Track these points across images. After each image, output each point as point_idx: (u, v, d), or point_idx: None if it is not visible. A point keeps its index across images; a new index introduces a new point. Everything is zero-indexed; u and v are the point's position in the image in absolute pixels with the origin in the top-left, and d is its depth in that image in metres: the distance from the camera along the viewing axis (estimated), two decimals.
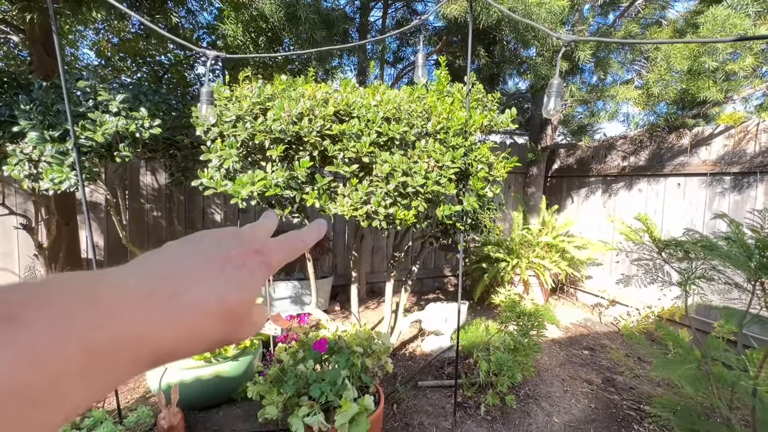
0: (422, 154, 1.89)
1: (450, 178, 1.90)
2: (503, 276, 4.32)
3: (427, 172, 1.85)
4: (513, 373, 2.18)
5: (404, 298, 3.06)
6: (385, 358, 2.15)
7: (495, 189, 2.13)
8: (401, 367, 2.98)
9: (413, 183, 1.81)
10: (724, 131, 3.61)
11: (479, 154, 2.01)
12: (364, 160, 1.83)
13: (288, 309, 3.98)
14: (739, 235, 1.25)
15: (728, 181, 3.57)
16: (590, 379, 2.99)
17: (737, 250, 1.19)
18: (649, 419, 2.51)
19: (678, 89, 3.22)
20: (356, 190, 1.82)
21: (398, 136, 1.86)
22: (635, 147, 4.39)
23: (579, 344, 3.67)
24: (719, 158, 3.63)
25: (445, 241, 2.47)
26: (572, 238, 4.69)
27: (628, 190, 4.50)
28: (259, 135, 1.70)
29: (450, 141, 1.96)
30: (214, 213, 4.23)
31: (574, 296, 5.18)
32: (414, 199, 1.87)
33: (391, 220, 1.89)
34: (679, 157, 3.97)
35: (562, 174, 5.41)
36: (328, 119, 1.79)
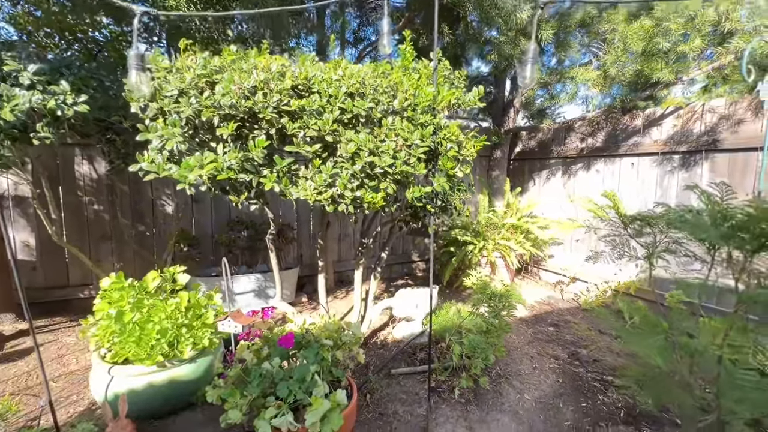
0: (389, 132, 1.77)
1: (419, 158, 1.80)
2: (471, 259, 4.35)
3: (395, 152, 1.74)
4: (486, 354, 2.16)
5: (374, 286, 2.97)
6: (356, 349, 2.05)
7: (465, 169, 2.06)
8: (373, 355, 2.90)
9: (381, 163, 1.69)
10: (673, 112, 3.78)
11: (449, 133, 1.92)
12: (327, 139, 1.68)
13: (251, 303, 3.78)
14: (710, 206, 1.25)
15: (677, 159, 3.76)
16: (557, 354, 3.07)
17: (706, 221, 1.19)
18: (612, 389, 2.61)
19: (633, 70, 3.30)
20: (320, 172, 1.67)
21: (363, 113, 1.73)
22: (593, 129, 4.53)
23: (544, 321, 3.78)
24: (669, 138, 3.81)
25: (415, 225, 2.39)
26: (535, 219, 4.80)
27: (586, 170, 4.65)
28: (207, 111, 1.50)
29: (418, 118, 1.85)
30: (165, 204, 3.90)
31: (537, 275, 5.35)
32: (382, 181, 1.76)
33: (359, 203, 1.77)
34: (633, 138, 4.13)
35: (524, 157, 5.50)
36: (286, 94, 1.61)
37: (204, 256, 3.91)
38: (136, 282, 2.27)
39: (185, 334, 2.14)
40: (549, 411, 2.38)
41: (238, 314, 1.89)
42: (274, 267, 2.62)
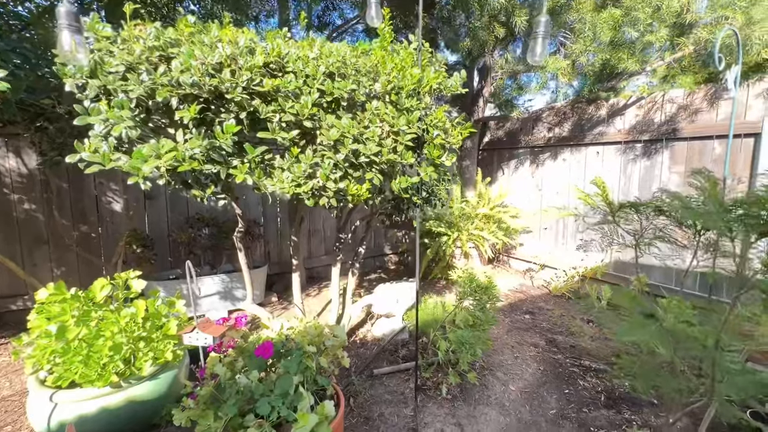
0: (374, 117, 1.62)
1: (407, 146, 1.66)
2: (445, 250, 4.31)
3: (381, 139, 1.59)
4: (474, 350, 2.10)
5: (352, 283, 2.82)
6: (340, 352, 1.91)
7: (451, 157, 1.95)
8: (354, 355, 2.77)
9: (366, 151, 1.54)
10: (636, 102, 3.90)
11: (435, 119, 1.80)
12: (305, 125, 1.50)
13: (217, 307, 3.50)
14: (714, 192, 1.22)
15: (639, 148, 3.90)
16: (535, 342, 3.10)
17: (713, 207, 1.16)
18: (590, 373, 2.66)
19: (602, 60, 3.35)
20: (298, 162, 1.49)
21: (345, 95, 1.56)
22: (560, 118, 4.61)
23: (520, 309, 3.82)
24: (632, 127, 3.94)
25: (398, 218, 2.26)
26: (506, 208, 4.85)
27: (553, 160, 4.74)
28: (162, 90, 1.27)
29: (403, 103, 1.71)
30: (112, 201, 3.49)
31: (508, 264, 5.44)
32: (367, 171, 1.61)
33: (342, 196, 1.61)
34: (598, 127, 4.24)
35: (493, 147, 5.53)
36: (257, 72, 1.41)
37: (161, 258, 3.56)
38: (81, 292, 1.97)
39: (143, 349, 1.89)
40: (534, 400, 2.37)
41: (206, 324, 1.67)
42: (244, 267, 2.40)
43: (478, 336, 2.21)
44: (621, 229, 1.83)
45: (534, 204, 4.98)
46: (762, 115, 3.07)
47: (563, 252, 4.64)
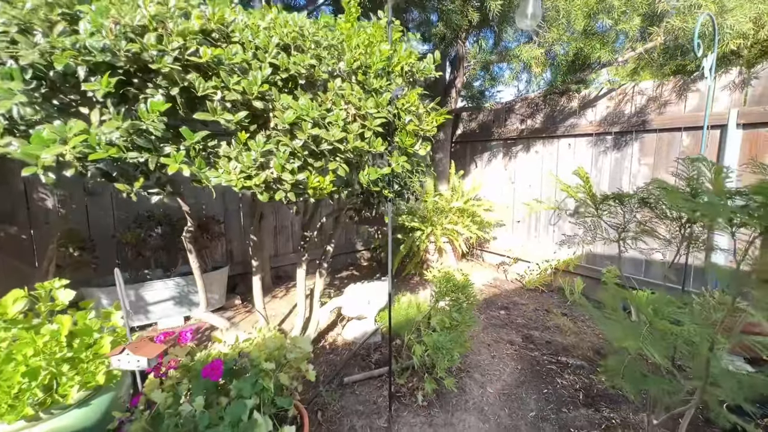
0: (337, 99, 1.41)
1: (376, 132, 1.46)
2: (419, 245, 4.17)
3: (346, 123, 1.38)
4: (451, 354, 1.95)
5: (320, 284, 2.60)
6: (305, 366, 1.70)
7: (425, 146, 1.77)
8: (322, 362, 2.56)
9: (329, 137, 1.33)
10: (607, 93, 3.89)
11: (407, 102, 1.60)
12: (256, 106, 1.27)
13: (171, 314, 3.18)
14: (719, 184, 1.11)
15: (610, 140, 3.90)
16: (512, 339, 3.01)
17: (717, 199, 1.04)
18: (568, 370, 2.59)
19: (575, 48, 3.28)
20: (247, 149, 1.26)
21: (303, 72, 1.34)
22: (532, 110, 4.55)
23: (495, 305, 3.74)
24: (603, 119, 3.92)
25: (368, 214, 2.06)
26: (480, 201, 4.76)
27: (526, 152, 4.69)
28: (62, 56, 1.00)
29: (371, 83, 1.51)
30: (46, 198, 3.07)
31: (481, 257, 5.38)
32: (331, 160, 1.39)
33: (302, 190, 1.39)
34: (570, 119, 4.21)
35: (465, 139, 5.43)
36: (193, 39, 1.16)
37: (105, 261, 3.19)
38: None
39: (68, 372, 1.60)
40: (513, 402, 2.26)
41: (141, 343, 1.41)
42: (196, 271, 2.13)
43: (455, 338, 2.06)
44: (604, 222, 1.72)
45: (507, 197, 4.93)
46: (728, 107, 3.10)
47: (536, 245, 4.62)
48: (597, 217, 1.73)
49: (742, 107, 3.03)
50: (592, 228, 1.71)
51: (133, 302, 3.00)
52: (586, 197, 1.71)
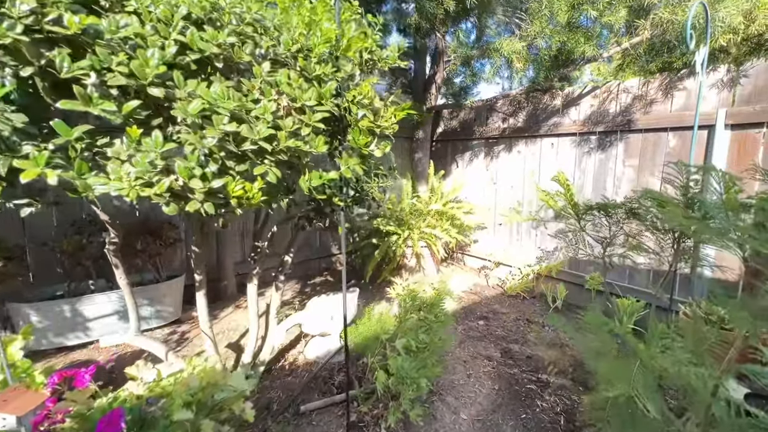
0: (267, 88, 1.14)
1: (317, 129, 1.20)
2: (395, 250, 3.92)
3: (276, 117, 1.12)
4: (417, 384, 1.71)
5: (276, 299, 2.33)
6: (239, 406, 1.43)
7: (384, 146, 1.52)
8: (278, 387, 2.29)
9: (253, 135, 1.06)
10: (591, 91, 3.70)
11: (360, 93, 1.35)
12: (153, 93, 0.99)
13: (116, 329, 2.85)
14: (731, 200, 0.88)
15: (594, 140, 3.72)
16: (490, 354, 2.79)
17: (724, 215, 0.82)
18: (548, 390, 2.39)
19: (558, 42, 3.08)
20: (140, 149, 0.98)
21: (217, 51, 1.06)
22: (514, 108, 4.35)
23: (474, 314, 3.52)
24: (587, 118, 3.74)
25: (320, 223, 1.80)
26: (460, 204, 4.55)
27: (508, 152, 4.50)
28: None
29: (313, 69, 1.24)
30: None
31: (462, 261, 5.18)
32: (258, 163, 1.13)
33: (223, 200, 1.12)
34: (553, 118, 4.02)
35: (446, 138, 5.21)
36: (57, 4, 0.88)
37: (40, 272, 2.84)
38: None
39: None
40: (488, 431, 2.04)
41: (12, 394, 1.11)
42: (124, 288, 1.84)
43: (423, 363, 1.82)
44: (588, 236, 1.51)
45: (489, 198, 4.73)
46: (716, 107, 2.94)
47: (518, 249, 4.43)
48: (580, 230, 1.52)
49: (731, 107, 2.87)
50: (573, 242, 1.49)
51: (69, 318, 2.67)
52: (566, 206, 1.49)
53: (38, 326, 2.61)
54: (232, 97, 1.04)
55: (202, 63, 1.12)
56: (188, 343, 2.93)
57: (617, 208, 1.38)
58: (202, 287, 2.07)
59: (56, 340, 2.68)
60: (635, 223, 1.41)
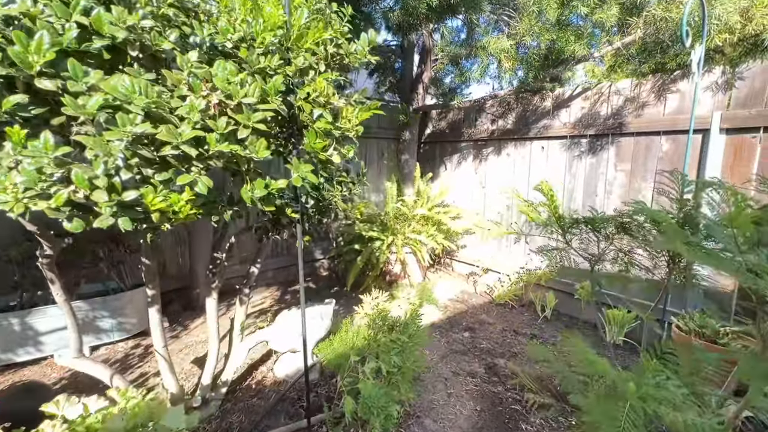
0: (197, 82, 0.96)
1: (258, 130, 1.03)
2: (379, 256, 3.75)
3: (205, 116, 0.94)
4: (388, 412, 1.54)
5: (241, 314, 2.15)
6: None
7: (347, 151, 1.35)
8: (241, 411, 2.11)
9: (173, 138, 0.88)
10: (582, 93, 3.57)
11: (315, 90, 1.17)
12: (43, 87, 0.81)
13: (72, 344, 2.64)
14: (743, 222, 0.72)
15: (585, 143, 3.58)
16: (473, 370, 2.63)
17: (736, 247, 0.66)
18: (533, 411, 2.23)
19: (547, 41, 2.93)
20: (26, 154, 0.80)
21: (134, 38, 0.89)
22: (503, 109, 4.21)
23: (459, 325, 3.36)
24: (577, 120, 3.61)
25: (277, 236, 1.63)
26: (447, 208, 4.39)
27: (497, 154, 4.35)
28: None
29: (255, 62, 1.07)
30: None
31: (450, 266, 5.02)
32: (183, 171, 0.95)
33: (143, 214, 0.94)
34: (543, 120, 3.88)
35: (435, 139, 5.05)
36: None
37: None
38: None
39: None
40: None
41: None
42: (63, 305, 1.65)
43: (396, 387, 1.65)
44: (574, 252, 1.35)
45: (477, 203, 4.58)
46: (710, 110, 2.82)
47: (506, 255, 4.28)
48: (565, 244, 1.36)
49: (726, 110, 2.74)
50: (558, 259, 1.33)
51: (19, 332, 2.46)
52: (551, 220, 1.34)
53: None
54: (147, 92, 0.86)
55: (119, 52, 0.94)
56: (151, 358, 2.73)
57: (606, 222, 1.22)
58: (155, 302, 1.88)
59: (4, 356, 2.46)
60: (627, 239, 1.26)
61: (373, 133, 4.91)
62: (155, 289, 1.86)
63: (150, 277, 1.83)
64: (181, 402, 2.00)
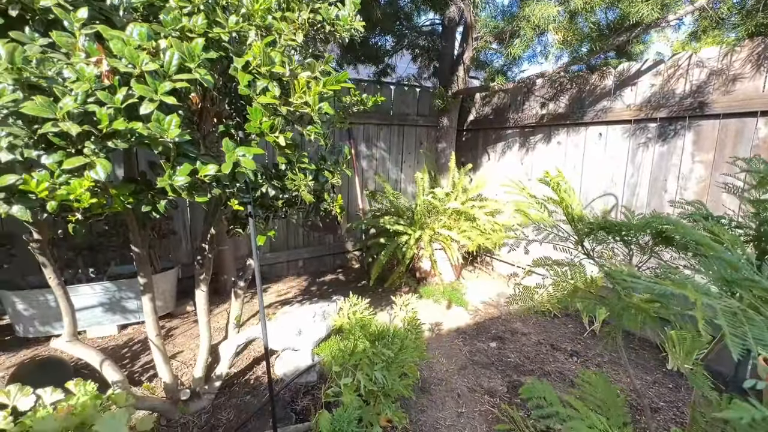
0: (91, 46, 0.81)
1: (169, 105, 0.85)
2: (405, 252, 3.51)
3: (92, 86, 0.78)
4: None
5: (236, 308, 2.06)
6: None
7: (311, 131, 1.14)
8: (232, 407, 2.03)
9: (50, 113, 0.74)
10: (653, 67, 2.96)
11: (254, 57, 0.97)
12: None
13: (102, 321, 2.81)
14: None
15: (653, 129, 2.98)
16: (493, 387, 2.31)
17: None
18: None
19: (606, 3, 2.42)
20: None
21: None
22: (555, 91, 3.68)
23: (487, 332, 3.02)
24: (645, 101, 3.01)
25: (239, 230, 1.47)
26: (485, 202, 3.99)
27: (546, 142, 3.84)
28: None
29: (172, 22, 0.89)
30: None
31: (491, 266, 4.61)
32: (70, 152, 0.81)
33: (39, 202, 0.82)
34: (602, 102, 3.31)
35: (477, 126, 4.63)
36: None
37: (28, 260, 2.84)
38: None
39: None
40: None
41: None
42: (56, 289, 1.66)
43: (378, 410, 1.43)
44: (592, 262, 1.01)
45: (522, 197, 4.10)
46: None
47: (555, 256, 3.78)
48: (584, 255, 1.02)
49: None
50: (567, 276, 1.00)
51: (54, 308, 2.64)
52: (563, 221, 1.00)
53: (25, 314, 2.62)
54: (14, 59, 0.72)
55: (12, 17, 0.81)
56: (170, 341, 2.80)
57: (638, 230, 0.87)
58: (147, 291, 1.85)
59: (42, 329, 2.67)
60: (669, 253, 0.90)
61: (411, 121, 4.63)
62: (147, 277, 1.82)
63: (141, 264, 1.79)
64: (174, 392, 1.97)
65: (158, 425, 1.88)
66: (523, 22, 2.79)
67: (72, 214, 0.89)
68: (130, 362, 2.51)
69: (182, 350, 2.67)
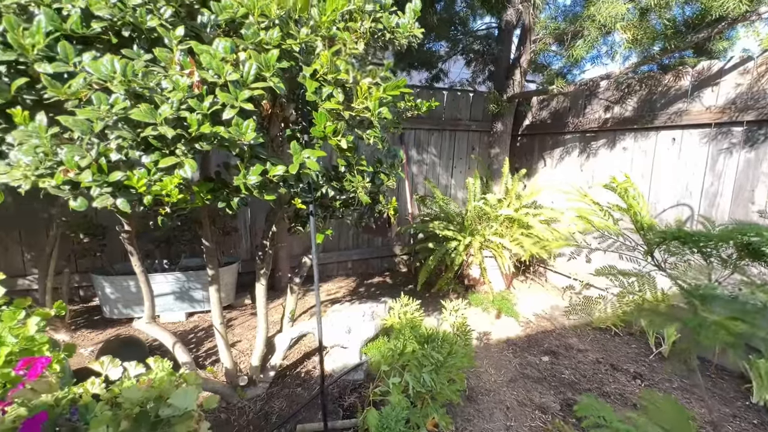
0: (185, 60, 0.92)
1: (246, 111, 0.94)
2: (454, 258, 3.47)
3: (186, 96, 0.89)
4: None
5: (291, 303, 2.18)
6: (191, 426, 1.27)
7: (370, 135, 1.19)
8: (284, 397, 2.14)
9: (149, 118, 0.85)
10: (739, 65, 2.67)
11: (321, 66, 1.04)
12: (41, 70, 0.85)
13: (173, 308, 3.10)
14: None
15: (739, 133, 2.69)
16: (545, 404, 2.20)
17: None
18: None
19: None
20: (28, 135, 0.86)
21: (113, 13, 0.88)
22: (621, 93, 3.45)
23: (539, 346, 2.89)
24: (729, 103, 2.72)
25: (299, 227, 1.55)
26: (539, 210, 3.83)
27: (610, 148, 3.60)
28: None
29: (251, 36, 0.98)
30: None
31: (544, 276, 4.41)
32: (166, 153, 0.92)
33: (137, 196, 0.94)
34: (676, 104, 3.05)
35: (533, 131, 4.46)
36: None
37: (115, 249, 3.21)
38: None
39: None
40: None
41: None
42: (140, 276, 1.87)
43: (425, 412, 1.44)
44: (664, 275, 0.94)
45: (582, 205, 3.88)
46: None
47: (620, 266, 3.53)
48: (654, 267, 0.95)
49: None
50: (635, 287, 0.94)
51: (135, 293, 2.96)
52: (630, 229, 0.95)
53: (111, 297, 2.96)
54: (126, 71, 0.84)
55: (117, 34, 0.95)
56: (229, 331, 3.01)
57: (720, 241, 0.80)
58: (214, 282, 2.01)
59: (125, 311, 3.00)
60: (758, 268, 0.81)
61: (463, 126, 4.59)
62: (214, 269, 1.99)
63: (210, 258, 1.96)
64: (234, 378, 2.12)
65: (219, 406, 2.03)
66: (587, 21, 2.66)
67: (162, 208, 1.01)
68: (195, 347, 2.73)
69: (240, 340, 2.86)
